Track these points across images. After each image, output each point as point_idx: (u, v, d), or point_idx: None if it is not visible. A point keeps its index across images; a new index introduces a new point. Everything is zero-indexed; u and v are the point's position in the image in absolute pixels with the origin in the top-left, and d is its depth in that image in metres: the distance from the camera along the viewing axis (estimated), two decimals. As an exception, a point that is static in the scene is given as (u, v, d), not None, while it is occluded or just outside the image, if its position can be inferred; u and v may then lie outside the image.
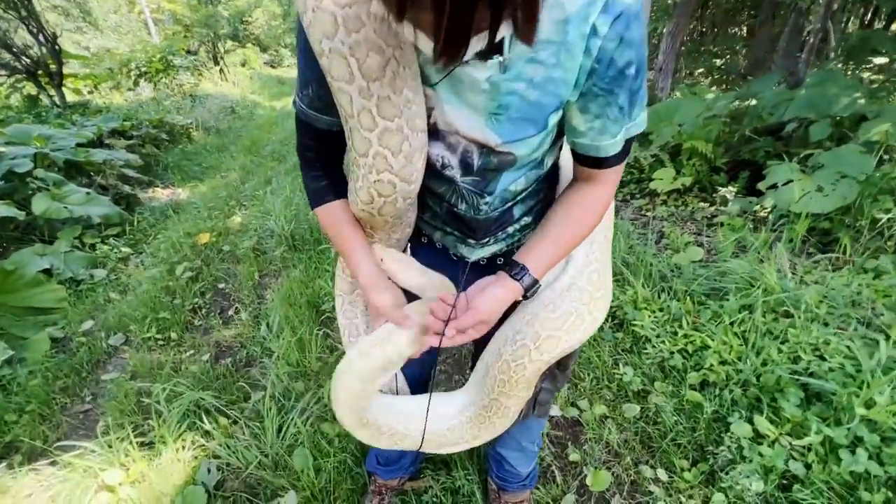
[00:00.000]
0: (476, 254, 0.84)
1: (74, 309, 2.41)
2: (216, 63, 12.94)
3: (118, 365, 2.05)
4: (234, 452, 1.47)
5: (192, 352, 2.11)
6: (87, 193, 3.17)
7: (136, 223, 3.35)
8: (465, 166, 0.69)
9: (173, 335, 2.19)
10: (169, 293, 2.49)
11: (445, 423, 0.85)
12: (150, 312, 2.30)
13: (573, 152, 0.70)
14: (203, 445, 1.51)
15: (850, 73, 4.84)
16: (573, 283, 0.76)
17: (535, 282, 0.72)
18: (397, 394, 0.92)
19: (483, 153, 0.67)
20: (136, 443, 1.50)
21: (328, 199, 0.77)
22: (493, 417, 0.82)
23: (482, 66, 0.57)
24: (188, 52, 11.41)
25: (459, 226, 0.80)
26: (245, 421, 1.60)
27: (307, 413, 1.58)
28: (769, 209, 2.91)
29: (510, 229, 0.82)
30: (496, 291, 0.70)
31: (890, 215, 2.23)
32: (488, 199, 0.73)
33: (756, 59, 7.15)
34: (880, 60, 6.05)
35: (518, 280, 0.71)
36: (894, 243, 2.27)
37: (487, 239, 0.81)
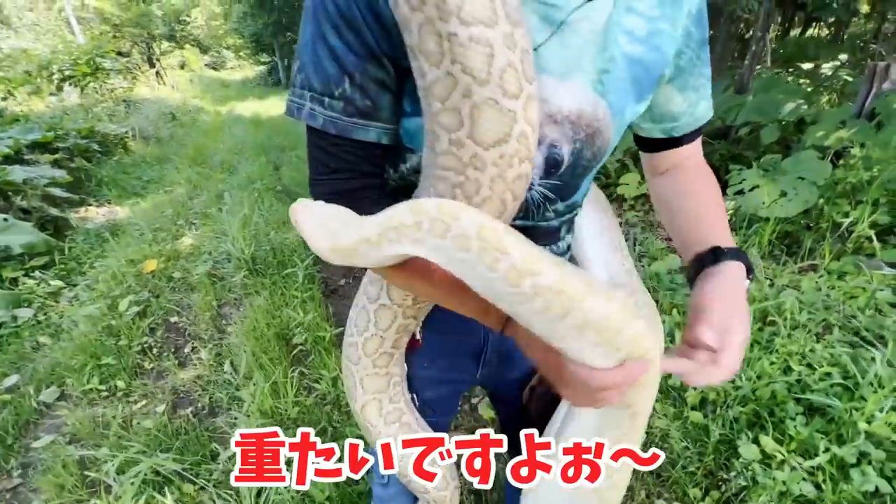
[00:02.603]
0: None
1: (-6, 360, 2.07)
2: (151, 65, 12.11)
3: (53, 427, 1.76)
4: (204, 530, 1.27)
5: (143, 402, 1.84)
6: (5, 219, 2.76)
7: (66, 251, 2.95)
8: (550, 164, 0.55)
9: (120, 384, 1.91)
10: (112, 333, 2.19)
11: None
12: (89, 359, 2.00)
13: (657, 146, 0.66)
14: (166, 524, 1.30)
15: (790, 79, 5.18)
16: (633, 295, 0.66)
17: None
18: None
19: (579, 142, 0.54)
20: (82, 530, 1.26)
21: None
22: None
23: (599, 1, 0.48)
24: (119, 53, 10.55)
25: None
26: (215, 487, 1.39)
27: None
28: (731, 212, 3.00)
29: (555, 247, 0.68)
30: (735, 285, 0.56)
31: (850, 219, 2.33)
32: (560, 206, 0.61)
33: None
34: (806, 66, 6.58)
35: (737, 259, 0.58)
36: (853, 245, 2.37)
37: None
